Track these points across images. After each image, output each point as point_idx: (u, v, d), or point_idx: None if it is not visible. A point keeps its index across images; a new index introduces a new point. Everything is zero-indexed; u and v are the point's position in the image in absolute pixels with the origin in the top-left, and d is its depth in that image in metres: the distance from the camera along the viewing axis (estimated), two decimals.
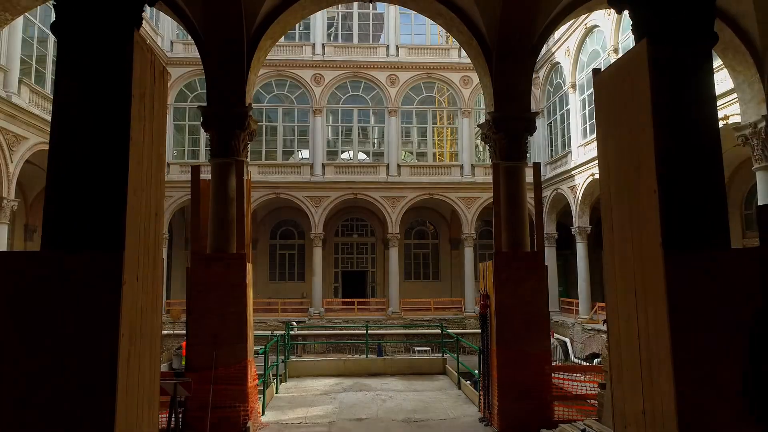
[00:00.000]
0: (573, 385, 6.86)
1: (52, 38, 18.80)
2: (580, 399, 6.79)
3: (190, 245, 7.05)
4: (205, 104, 7.25)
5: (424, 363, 11.25)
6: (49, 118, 19.24)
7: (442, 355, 11.38)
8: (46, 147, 16.57)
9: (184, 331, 22.33)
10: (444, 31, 33.45)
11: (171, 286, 29.67)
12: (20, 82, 16.94)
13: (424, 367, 11.05)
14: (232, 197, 7.08)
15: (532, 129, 7.35)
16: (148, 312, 3.40)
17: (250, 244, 7.64)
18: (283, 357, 10.64)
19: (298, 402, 8.59)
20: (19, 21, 16.91)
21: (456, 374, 9.88)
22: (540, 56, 28.31)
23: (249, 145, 7.50)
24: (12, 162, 16.54)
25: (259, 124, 28.27)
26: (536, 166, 7.35)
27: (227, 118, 7.11)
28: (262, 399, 7.74)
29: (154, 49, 3.26)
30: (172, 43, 27.39)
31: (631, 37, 15.42)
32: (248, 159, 7.55)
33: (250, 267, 7.23)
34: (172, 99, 27.08)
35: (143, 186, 3.32)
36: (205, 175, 7.39)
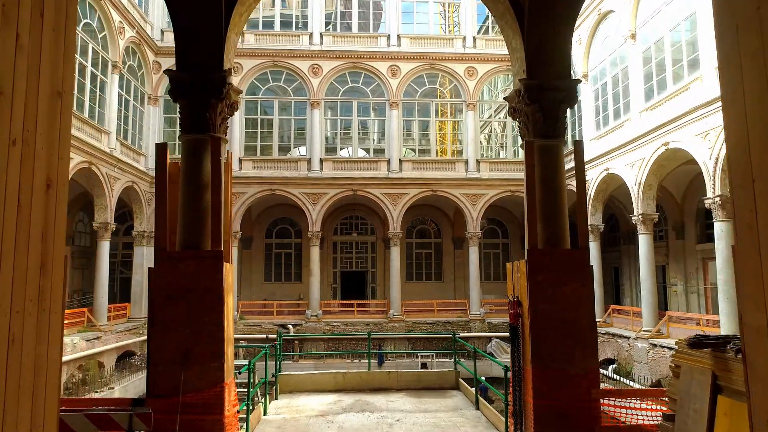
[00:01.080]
0: (626, 412, 5.58)
1: None
2: (636, 430, 5.51)
3: (153, 240, 5.77)
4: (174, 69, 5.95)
5: (435, 376, 9.96)
6: None
7: (455, 367, 10.08)
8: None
9: None
10: (448, 20, 32.20)
11: None
12: None
13: (434, 380, 9.76)
14: (206, 182, 5.78)
15: (572, 99, 6.07)
16: (27, 341, 2.13)
17: (231, 240, 6.34)
18: (273, 369, 9.35)
19: (289, 427, 7.29)
20: None
21: (473, 391, 8.60)
22: None
23: (228, 121, 6.21)
24: None
25: (254, 117, 27.09)
26: (578, 145, 6.08)
27: (201, 85, 5.81)
28: (245, 427, 6.45)
29: None
30: (162, 32, 26.10)
31: (650, 21, 13.83)
32: (227, 137, 6.25)
33: (229, 267, 5.94)
34: (163, 91, 25.76)
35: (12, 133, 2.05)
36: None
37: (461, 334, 25.24)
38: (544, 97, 6.02)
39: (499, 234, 31.68)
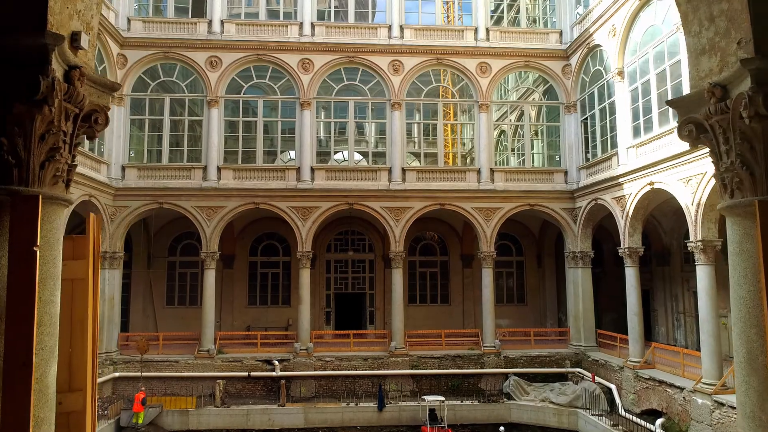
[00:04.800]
0: None
1: None
2: None
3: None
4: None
5: None
6: None
7: None
8: None
9: (151, 373, 17.24)
10: (456, 10, 28.72)
11: (130, 321, 24.83)
12: None
13: None
14: None
15: None
16: None
17: None
18: None
19: None
20: None
21: None
22: (573, 39, 23.68)
23: (75, 160, 2.75)
24: None
25: (235, 119, 23.40)
26: None
27: None
28: None
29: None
30: (129, 20, 22.52)
31: None
32: (70, 194, 2.78)
33: None
34: (129, 89, 22.25)
35: None
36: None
37: (474, 371, 21.89)
38: None
39: (513, 251, 28.28)
